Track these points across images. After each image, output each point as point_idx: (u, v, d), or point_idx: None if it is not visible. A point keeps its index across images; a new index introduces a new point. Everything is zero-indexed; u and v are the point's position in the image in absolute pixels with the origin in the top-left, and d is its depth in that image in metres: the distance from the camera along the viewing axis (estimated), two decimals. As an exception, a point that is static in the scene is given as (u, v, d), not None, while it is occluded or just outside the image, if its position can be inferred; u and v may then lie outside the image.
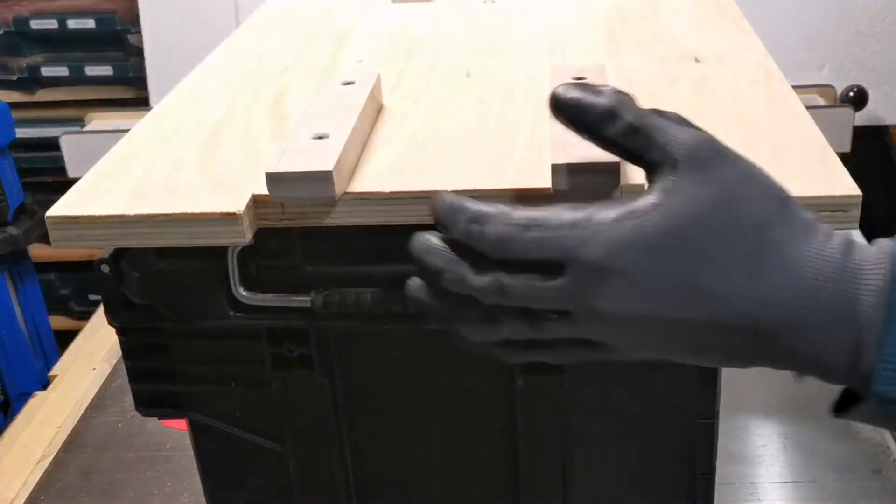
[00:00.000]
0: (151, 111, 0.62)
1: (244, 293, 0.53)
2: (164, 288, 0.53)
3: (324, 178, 0.48)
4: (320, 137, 0.51)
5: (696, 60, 0.63)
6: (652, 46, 0.66)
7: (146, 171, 0.53)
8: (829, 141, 0.51)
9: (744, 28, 0.69)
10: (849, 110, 1.58)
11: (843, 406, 0.43)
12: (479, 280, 0.42)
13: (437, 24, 0.75)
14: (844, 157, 0.49)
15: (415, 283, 0.45)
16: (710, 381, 0.55)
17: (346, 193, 0.49)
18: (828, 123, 1.40)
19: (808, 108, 0.56)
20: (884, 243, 0.42)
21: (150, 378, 0.57)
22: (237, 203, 0.48)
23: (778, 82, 0.59)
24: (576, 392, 0.56)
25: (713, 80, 0.60)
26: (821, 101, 1.62)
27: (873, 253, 0.41)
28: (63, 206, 0.50)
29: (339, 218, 0.50)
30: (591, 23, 0.72)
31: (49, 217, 0.49)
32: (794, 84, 0.59)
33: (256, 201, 0.49)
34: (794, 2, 1.61)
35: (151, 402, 0.58)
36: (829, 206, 0.46)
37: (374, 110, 0.58)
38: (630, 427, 0.57)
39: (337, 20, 0.78)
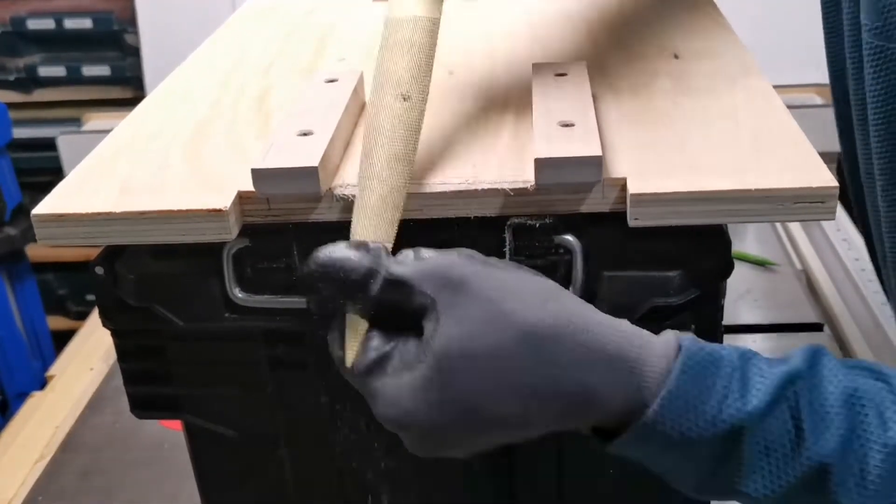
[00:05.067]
0: (136, 108, 0.62)
1: (239, 294, 0.53)
2: (158, 290, 0.53)
3: (310, 173, 0.48)
4: (305, 134, 0.51)
5: (676, 56, 0.64)
6: (631, 43, 0.67)
7: (132, 168, 0.53)
8: (825, 140, 0.52)
9: (721, 25, 0.70)
10: (846, 109, 1.57)
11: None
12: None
13: None
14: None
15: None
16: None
17: (331, 189, 0.50)
18: (825, 122, 1.40)
19: (804, 107, 0.56)
20: (668, 340, 0.45)
21: (146, 380, 0.57)
22: (223, 199, 0.49)
23: (756, 77, 0.60)
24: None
25: (692, 75, 0.60)
26: (818, 100, 1.62)
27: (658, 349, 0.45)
28: (49, 204, 0.50)
29: (324, 214, 0.50)
30: (571, 19, 0.73)
31: (35, 215, 0.49)
32: (792, 83, 0.60)
33: (242, 197, 0.50)
34: (792, 0, 1.61)
35: (147, 404, 0.58)
36: (806, 198, 0.47)
37: (358, 108, 0.59)
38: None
39: (318, 19, 0.78)
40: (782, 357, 0.46)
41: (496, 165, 0.51)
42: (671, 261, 0.51)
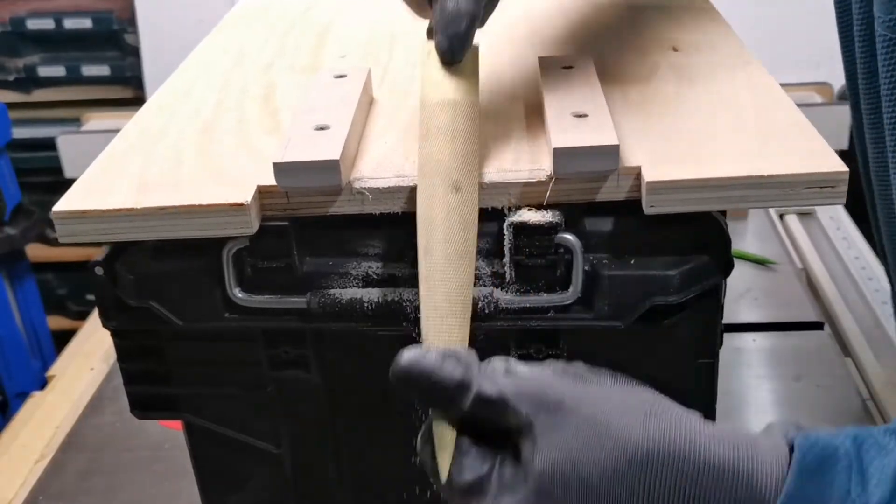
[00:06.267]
0: (141, 109, 0.62)
1: (239, 295, 0.53)
2: (158, 290, 0.53)
3: (331, 167, 0.48)
4: (321, 128, 0.52)
5: (674, 49, 0.64)
6: (629, 36, 0.67)
7: (146, 165, 0.54)
8: (826, 138, 0.52)
9: (717, 19, 0.70)
10: (846, 107, 1.57)
11: None
12: None
13: (415, 18, 0.76)
14: (842, 155, 0.50)
15: None
16: (706, 379, 0.55)
17: (350, 182, 0.50)
18: (825, 121, 1.40)
19: (804, 105, 0.56)
20: (776, 441, 0.43)
21: (145, 380, 0.57)
22: (244, 194, 0.49)
23: (756, 69, 0.60)
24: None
25: (693, 68, 0.61)
26: (818, 99, 1.62)
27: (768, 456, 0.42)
28: (69, 202, 0.50)
29: (343, 207, 0.50)
30: (567, 15, 0.73)
31: (56, 212, 0.50)
32: (791, 81, 0.60)
33: (261, 192, 0.50)
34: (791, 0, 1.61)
35: (146, 404, 0.58)
36: (817, 183, 0.47)
37: (367, 103, 0.59)
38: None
39: (315, 16, 0.78)
40: (887, 433, 0.43)
41: (511, 157, 0.51)
42: (671, 260, 0.51)
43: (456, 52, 0.49)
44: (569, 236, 0.50)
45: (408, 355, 0.44)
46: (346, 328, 0.53)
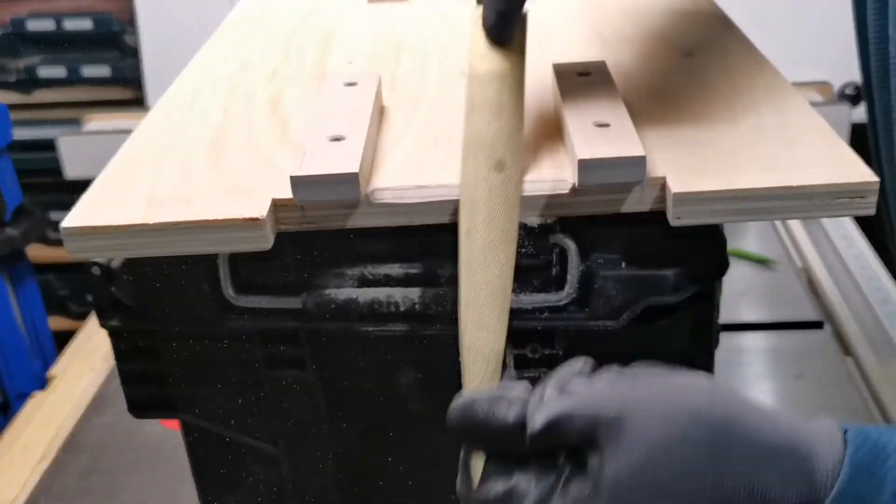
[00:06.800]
0: (144, 120, 0.60)
1: (234, 295, 0.53)
2: (155, 290, 0.53)
3: (350, 179, 0.47)
4: (336, 139, 0.50)
5: (689, 55, 0.63)
6: (639, 42, 0.66)
7: (156, 178, 0.52)
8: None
9: (725, 21, 0.69)
10: (846, 107, 1.58)
11: None
12: None
13: (419, 25, 0.75)
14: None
15: None
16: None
17: (367, 195, 0.49)
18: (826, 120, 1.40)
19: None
20: (832, 432, 0.43)
21: (142, 381, 0.57)
22: (259, 208, 0.47)
23: (772, 73, 0.59)
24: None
25: (709, 72, 0.60)
26: (818, 98, 1.62)
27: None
28: (78, 216, 0.48)
29: (361, 220, 0.49)
30: (574, 19, 0.72)
31: (64, 228, 0.48)
32: (791, 81, 0.59)
33: (277, 205, 0.48)
34: (792, -1, 1.61)
35: (144, 404, 0.58)
36: (846, 194, 0.46)
37: (379, 111, 0.58)
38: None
39: (316, 22, 0.77)
40: None
41: (533, 168, 0.50)
42: (666, 260, 0.51)
43: (502, 30, 0.48)
44: (564, 237, 0.50)
45: (458, 405, 0.43)
46: (342, 328, 0.53)
